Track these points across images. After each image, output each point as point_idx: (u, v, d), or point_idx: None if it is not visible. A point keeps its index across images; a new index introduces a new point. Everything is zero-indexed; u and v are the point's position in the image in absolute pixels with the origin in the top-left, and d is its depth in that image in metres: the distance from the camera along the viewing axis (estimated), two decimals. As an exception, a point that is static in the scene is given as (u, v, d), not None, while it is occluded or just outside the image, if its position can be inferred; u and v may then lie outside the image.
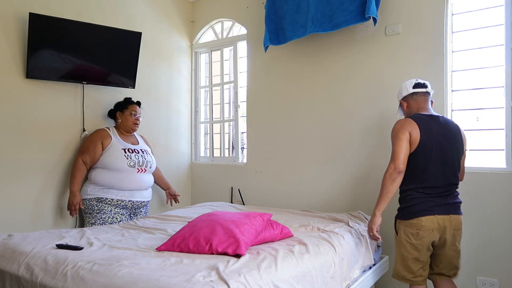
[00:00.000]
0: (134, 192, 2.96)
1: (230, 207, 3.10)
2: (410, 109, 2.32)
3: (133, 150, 3.01)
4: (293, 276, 1.70)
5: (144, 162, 3.02)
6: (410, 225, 2.15)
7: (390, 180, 2.12)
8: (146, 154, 3.09)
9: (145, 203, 3.08)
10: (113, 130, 3.06)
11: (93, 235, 2.16)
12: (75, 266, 1.62)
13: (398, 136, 2.14)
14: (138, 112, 3.12)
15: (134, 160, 2.96)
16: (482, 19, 2.66)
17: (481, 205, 2.57)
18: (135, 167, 2.95)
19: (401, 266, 2.21)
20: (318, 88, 3.25)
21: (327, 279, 1.91)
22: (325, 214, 2.76)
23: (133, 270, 1.55)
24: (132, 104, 3.14)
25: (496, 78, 2.59)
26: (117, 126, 3.10)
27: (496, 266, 2.54)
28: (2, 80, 2.67)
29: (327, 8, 2.86)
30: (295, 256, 1.83)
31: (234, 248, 1.77)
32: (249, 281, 1.49)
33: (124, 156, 2.93)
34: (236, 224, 1.90)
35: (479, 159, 2.67)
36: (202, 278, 1.45)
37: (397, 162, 2.11)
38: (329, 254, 2.01)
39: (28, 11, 2.68)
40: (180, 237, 1.89)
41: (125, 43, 3.18)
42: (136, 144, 3.11)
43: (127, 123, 3.07)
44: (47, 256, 1.75)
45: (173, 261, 1.67)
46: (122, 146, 2.97)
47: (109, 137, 2.97)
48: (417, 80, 2.32)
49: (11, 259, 1.81)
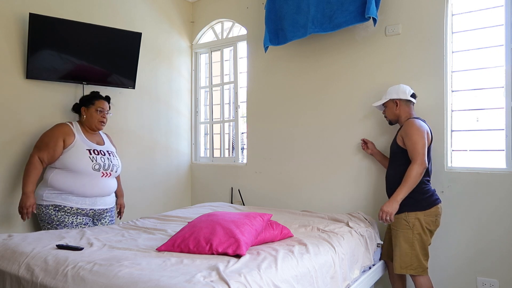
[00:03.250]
0: (96, 199, 2.66)
1: (230, 208, 3.10)
2: (400, 111, 2.56)
3: (99, 152, 2.71)
4: (293, 276, 1.70)
5: (110, 165, 2.72)
6: (430, 214, 2.38)
7: (419, 175, 2.32)
8: (113, 157, 2.79)
9: (107, 210, 2.77)
10: (77, 126, 2.74)
11: (93, 235, 2.16)
12: (76, 267, 1.62)
13: (420, 134, 2.37)
14: (106, 109, 2.79)
15: (100, 163, 2.65)
16: (482, 20, 2.66)
17: (481, 205, 2.57)
18: (100, 170, 2.64)
19: (422, 256, 2.38)
20: (318, 88, 3.25)
21: (327, 279, 1.91)
22: (324, 215, 2.77)
23: (134, 271, 1.54)
24: (100, 99, 2.79)
25: (496, 78, 2.59)
26: (81, 122, 2.78)
27: (496, 266, 2.53)
28: (2, 81, 2.67)
29: (327, 8, 2.86)
30: (295, 256, 1.83)
31: (234, 249, 1.77)
32: (249, 281, 1.49)
33: (89, 158, 2.62)
34: (236, 225, 1.90)
35: (479, 159, 2.67)
36: (202, 278, 1.45)
37: (423, 158, 2.33)
38: (329, 254, 2.02)
39: (28, 11, 2.68)
40: (180, 237, 1.89)
41: (125, 44, 3.18)
42: (101, 144, 2.82)
43: (92, 121, 2.74)
44: (47, 256, 1.75)
45: (174, 262, 1.67)
46: (86, 146, 2.67)
47: (72, 134, 2.65)
48: (411, 89, 2.59)
49: (11, 259, 1.81)
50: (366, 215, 2.76)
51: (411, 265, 2.37)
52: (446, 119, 2.70)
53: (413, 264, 2.37)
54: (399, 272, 2.41)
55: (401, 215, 2.40)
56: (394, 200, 2.34)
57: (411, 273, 2.39)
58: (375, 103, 2.67)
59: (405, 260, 2.38)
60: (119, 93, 3.33)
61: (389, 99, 2.58)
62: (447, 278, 2.69)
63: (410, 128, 2.39)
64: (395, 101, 2.56)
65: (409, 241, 2.37)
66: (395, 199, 2.34)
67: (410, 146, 2.36)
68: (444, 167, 2.69)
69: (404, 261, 2.38)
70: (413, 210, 2.37)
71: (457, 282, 2.66)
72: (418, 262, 2.37)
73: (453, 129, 2.73)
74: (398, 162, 2.47)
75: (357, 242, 2.35)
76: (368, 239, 2.47)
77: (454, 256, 2.67)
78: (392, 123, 2.66)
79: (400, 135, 2.47)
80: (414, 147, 2.34)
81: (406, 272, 2.39)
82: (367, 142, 2.90)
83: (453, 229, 2.66)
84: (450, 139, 2.72)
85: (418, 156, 2.32)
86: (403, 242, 2.39)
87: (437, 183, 2.67)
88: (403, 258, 2.38)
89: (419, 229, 2.37)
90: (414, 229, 2.36)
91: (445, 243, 2.68)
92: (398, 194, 2.34)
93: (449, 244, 2.68)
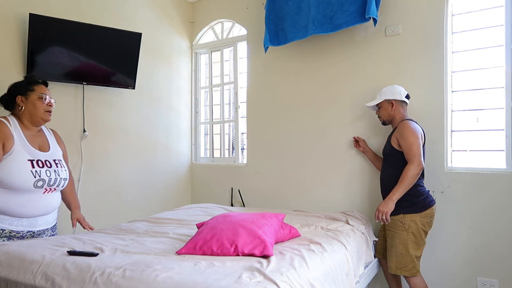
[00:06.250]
0: (36, 219, 2.13)
1: (220, 209, 3.04)
2: (395, 112, 2.57)
3: (44, 163, 2.13)
4: (321, 274, 1.71)
5: (57, 180, 2.17)
6: (426, 215, 2.41)
7: (415, 176, 2.35)
8: (60, 168, 2.22)
9: (49, 229, 2.24)
10: (14, 123, 2.12)
11: (95, 240, 2.03)
12: (104, 273, 1.53)
13: (415, 136, 2.39)
14: (49, 95, 2.21)
15: (44, 179, 2.10)
16: (482, 20, 2.66)
17: (481, 206, 2.57)
18: (43, 187, 2.11)
19: (416, 258, 2.40)
20: (318, 88, 3.25)
21: (343, 276, 1.93)
22: (320, 214, 2.77)
23: (171, 275, 1.48)
24: (37, 84, 2.20)
25: (496, 78, 2.60)
26: (18, 116, 2.16)
27: (496, 266, 2.54)
28: (3, 81, 2.66)
29: (328, 9, 2.87)
30: (317, 255, 1.84)
31: (261, 249, 1.75)
32: (292, 280, 1.49)
33: (30, 172, 2.05)
34: (258, 225, 1.88)
35: (479, 159, 2.67)
36: (249, 280, 1.42)
37: (420, 159, 2.35)
38: (342, 252, 2.04)
39: (28, 11, 2.68)
40: (201, 239, 1.84)
41: (125, 44, 3.18)
42: (46, 148, 2.22)
43: (35, 112, 2.14)
44: (65, 263, 1.65)
45: (205, 264, 1.62)
46: (28, 154, 2.09)
47: (10, 137, 2.05)
48: (406, 90, 2.61)
49: (21, 269, 1.70)
50: (360, 214, 2.77)
51: (406, 267, 2.39)
52: (446, 119, 2.70)
53: (407, 266, 2.39)
54: (394, 273, 2.44)
55: (397, 217, 2.42)
56: (389, 200, 2.36)
57: (405, 274, 2.41)
58: (369, 103, 2.67)
59: (400, 261, 2.40)
60: (119, 93, 3.33)
61: (384, 100, 2.58)
62: (447, 278, 2.69)
63: (406, 130, 2.42)
64: (391, 102, 2.57)
65: (404, 242, 2.39)
66: (390, 199, 2.36)
67: (406, 147, 2.39)
68: (444, 167, 2.69)
69: (399, 262, 2.40)
70: (409, 212, 2.40)
71: (457, 282, 2.66)
72: (412, 263, 2.39)
73: (453, 129, 2.74)
74: (393, 164, 2.50)
75: (360, 240, 2.38)
76: (368, 236, 2.52)
77: (454, 256, 2.67)
78: (386, 124, 2.67)
79: (395, 137, 2.49)
80: (410, 149, 2.36)
81: (401, 273, 2.42)
82: (359, 140, 2.94)
83: (453, 229, 2.66)
84: (450, 139, 2.72)
85: (415, 157, 2.34)
86: (398, 243, 2.41)
87: (437, 183, 2.68)
88: (398, 259, 2.40)
89: (414, 231, 2.39)
90: (409, 231, 2.38)
91: (445, 243, 2.69)
92: (394, 193, 2.36)
93: (449, 244, 2.68)
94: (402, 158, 2.42)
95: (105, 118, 3.24)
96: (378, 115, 2.67)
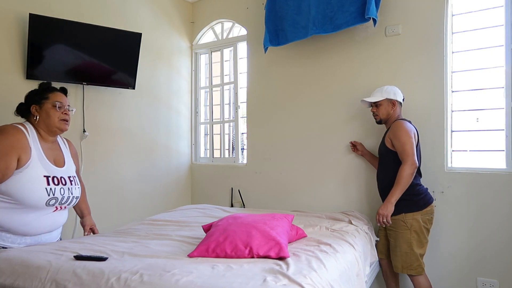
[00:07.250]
0: (40, 237, 2.01)
1: (217, 209, 3.02)
2: (393, 111, 2.57)
3: (59, 180, 1.99)
4: (338, 275, 1.70)
5: (69, 198, 2.05)
6: (426, 213, 2.44)
7: (410, 175, 2.36)
8: (74, 185, 2.09)
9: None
10: (32, 132, 1.99)
11: (96, 244, 1.97)
12: (120, 278, 1.47)
13: (408, 135, 2.40)
14: (65, 103, 2.08)
15: (57, 197, 1.97)
16: (482, 20, 2.66)
17: (481, 206, 2.57)
18: (54, 205, 1.98)
19: (420, 256, 2.41)
20: (318, 88, 3.25)
21: (354, 277, 1.94)
22: (320, 213, 2.77)
23: (192, 279, 1.44)
24: (53, 91, 2.08)
25: (496, 79, 2.60)
26: (34, 125, 2.04)
27: (496, 267, 2.54)
28: (2, 81, 2.66)
29: (328, 9, 2.87)
30: (330, 255, 1.83)
31: (277, 251, 1.73)
32: (315, 282, 1.48)
33: (45, 190, 1.91)
34: (270, 227, 1.85)
35: (479, 159, 2.67)
36: (274, 283, 1.40)
37: (413, 158, 2.36)
38: (351, 252, 2.04)
39: (28, 11, 2.68)
40: (214, 242, 1.80)
41: (125, 44, 3.18)
42: (61, 161, 2.09)
43: (50, 121, 2.01)
44: (75, 269, 1.58)
45: (223, 267, 1.58)
46: (44, 170, 1.94)
47: (28, 149, 1.91)
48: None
49: (27, 275, 1.62)
50: (361, 214, 2.77)
51: (411, 265, 2.40)
52: (446, 119, 2.70)
53: (413, 264, 2.40)
54: (400, 272, 2.45)
55: (399, 217, 2.43)
56: (388, 203, 2.39)
57: (411, 273, 2.41)
58: (369, 99, 2.61)
59: (406, 260, 2.41)
60: (119, 93, 3.32)
61: (385, 98, 2.56)
62: (447, 278, 2.69)
63: (398, 130, 2.43)
64: (393, 101, 2.56)
65: (408, 241, 2.40)
66: (389, 201, 2.38)
67: (400, 147, 2.40)
68: (444, 167, 2.69)
69: (405, 261, 2.41)
70: (410, 211, 2.41)
71: (457, 282, 2.66)
72: (417, 262, 2.40)
73: (453, 129, 2.74)
74: (388, 164, 2.51)
75: (365, 240, 2.39)
76: (372, 236, 2.53)
77: (454, 257, 2.67)
78: (381, 123, 2.66)
79: (388, 137, 2.50)
80: (403, 148, 2.38)
81: (407, 272, 2.42)
82: (356, 144, 2.95)
83: (453, 229, 2.66)
84: (450, 139, 2.72)
85: (408, 156, 2.36)
86: (402, 243, 2.42)
87: (437, 183, 2.68)
88: (404, 259, 2.41)
89: (417, 229, 2.40)
90: (412, 230, 2.40)
91: (445, 244, 2.69)
92: (392, 196, 2.38)
93: (449, 244, 2.68)
94: (396, 157, 2.44)
95: (105, 118, 3.24)
96: (375, 112, 2.63)
